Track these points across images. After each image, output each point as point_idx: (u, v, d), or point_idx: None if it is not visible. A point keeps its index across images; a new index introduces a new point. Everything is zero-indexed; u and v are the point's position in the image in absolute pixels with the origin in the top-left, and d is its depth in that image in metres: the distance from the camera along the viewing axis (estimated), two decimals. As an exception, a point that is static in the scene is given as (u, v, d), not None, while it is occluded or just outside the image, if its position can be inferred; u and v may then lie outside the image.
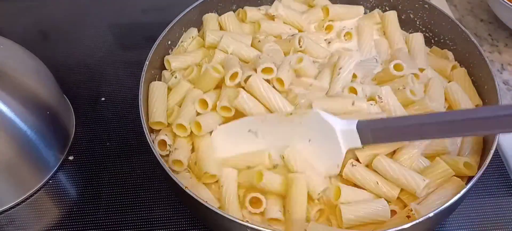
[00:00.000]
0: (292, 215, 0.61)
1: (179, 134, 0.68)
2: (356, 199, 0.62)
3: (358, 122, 0.60)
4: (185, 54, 0.78)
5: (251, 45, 0.77)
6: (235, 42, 0.75)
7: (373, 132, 0.60)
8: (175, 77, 0.74)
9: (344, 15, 0.83)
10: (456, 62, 0.78)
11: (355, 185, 0.64)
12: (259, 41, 0.77)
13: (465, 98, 0.71)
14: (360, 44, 0.80)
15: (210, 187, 0.66)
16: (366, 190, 0.63)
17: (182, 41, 0.80)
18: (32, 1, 1.09)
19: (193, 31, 0.82)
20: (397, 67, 0.70)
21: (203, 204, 0.57)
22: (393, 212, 0.62)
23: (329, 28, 0.82)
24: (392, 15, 0.81)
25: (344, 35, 0.80)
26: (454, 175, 0.64)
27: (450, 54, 0.79)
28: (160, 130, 0.70)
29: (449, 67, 0.76)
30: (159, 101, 0.71)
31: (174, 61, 0.76)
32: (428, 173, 0.64)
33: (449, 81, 0.75)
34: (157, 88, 0.72)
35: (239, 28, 0.81)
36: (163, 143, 0.68)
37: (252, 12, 0.83)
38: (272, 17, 0.81)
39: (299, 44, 0.74)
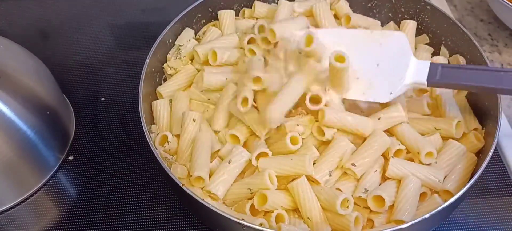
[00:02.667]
0: (312, 220, 0.61)
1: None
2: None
3: (431, 63, 0.65)
4: (173, 80, 0.77)
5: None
6: (226, 49, 0.76)
7: (443, 69, 0.64)
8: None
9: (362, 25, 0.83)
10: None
11: None
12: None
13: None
14: None
15: None
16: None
17: (179, 44, 0.80)
18: (32, 1, 1.09)
19: (190, 32, 0.82)
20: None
21: (202, 203, 0.58)
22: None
23: None
24: (411, 24, 0.81)
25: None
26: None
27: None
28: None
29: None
30: (164, 117, 0.72)
31: (164, 91, 0.76)
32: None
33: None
34: (161, 106, 0.73)
35: (234, 28, 0.82)
36: (164, 138, 0.68)
37: (261, 8, 0.84)
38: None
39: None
